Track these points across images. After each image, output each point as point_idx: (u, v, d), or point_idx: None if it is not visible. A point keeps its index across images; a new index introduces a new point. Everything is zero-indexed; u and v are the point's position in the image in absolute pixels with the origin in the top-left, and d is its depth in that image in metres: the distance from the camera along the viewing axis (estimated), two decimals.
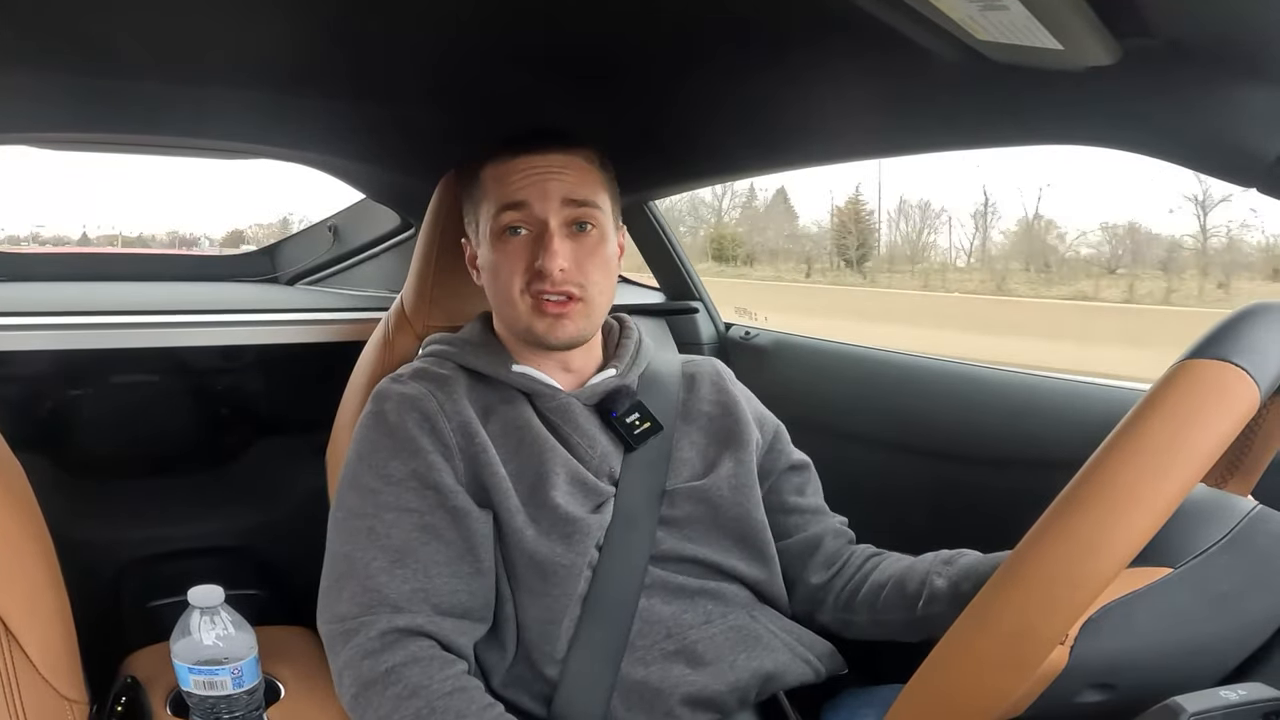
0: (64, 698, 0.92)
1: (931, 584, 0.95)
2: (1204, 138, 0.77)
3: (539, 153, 1.01)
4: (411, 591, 0.90)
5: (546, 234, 0.98)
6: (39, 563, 0.95)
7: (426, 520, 0.93)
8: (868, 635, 1.04)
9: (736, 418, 1.09)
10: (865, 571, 1.05)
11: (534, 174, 1.00)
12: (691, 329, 1.71)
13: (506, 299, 1.01)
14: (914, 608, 0.96)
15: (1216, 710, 0.57)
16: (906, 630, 0.99)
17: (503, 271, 1.00)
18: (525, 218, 0.99)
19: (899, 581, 0.99)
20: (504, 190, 1.00)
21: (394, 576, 0.90)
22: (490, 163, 1.03)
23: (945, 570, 0.96)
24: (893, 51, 0.87)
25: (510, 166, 1.01)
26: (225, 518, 1.82)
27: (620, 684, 0.93)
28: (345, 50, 1.17)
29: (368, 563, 0.91)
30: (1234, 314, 0.66)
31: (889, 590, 1.00)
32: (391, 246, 2.00)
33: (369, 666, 0.87)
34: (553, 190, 0.99)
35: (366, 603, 0.90)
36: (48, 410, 1.79)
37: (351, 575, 0.91)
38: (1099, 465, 0.59)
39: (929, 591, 0.95)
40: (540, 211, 0.99)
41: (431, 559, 0.92)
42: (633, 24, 1.06)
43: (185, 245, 6.89)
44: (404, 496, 0.94)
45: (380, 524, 0.93)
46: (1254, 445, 0.82)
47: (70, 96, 1.26)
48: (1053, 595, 0.58)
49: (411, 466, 0.95)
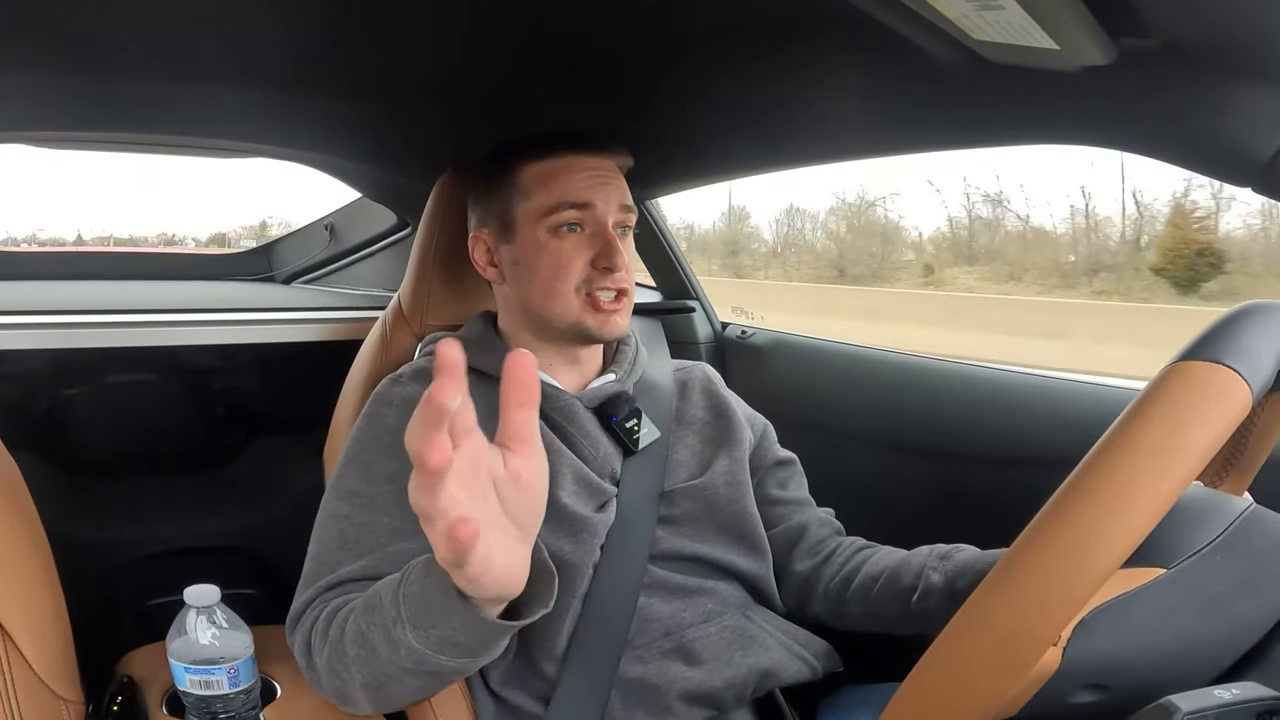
0: (59, 697, 0.92)
1: (927, 579, 0.95)
2: (1199, 138, 0.77)
3: (595, 155, 1.03)
4: (356, 581, 0.90)
5: (608, 233, 1.01)
6: (34, 562, 0.95)
7: (398, 525, 0.92)
8: (860, 627, 1.05)
9: (729, 420, 1.11)
10: (857, 563, 1.06)
11: (597, 175, 1.02)
12: (688, 328, 1.71)
13: (554, 294, 1.01)
14: (908, 602, 0.97)
15: (1210, 709, 0.57)
16: (900, 624, 0.99)
17: (556, 267, 1.01)
18: (585, 217, 1.01)
19: (893, 574, 1.00)
20: (565, 188, 1.01)
21: (346, 572, 0.91)
22: (537, 159, 1.03)
23: (941, 565, 0.96)
24: (889, 51, 0.87)
25: (570, 165, 1.02)
26: (222, 517, 1.82)
27: (618, 681, 0.93)
28: (343, 50, 1.17)
29: (333, 565, 0.92)
30: (1226, 315, 0.66)
31: (883, 583, 1.00)
32: (388, 245, 2.00)
33: (299, 640, 0.89)
34: (613, 194, 1.02)
35: (317, 594, 0.91)
36: (43, 409, 1.78)
37: (316, 575, 0.92)
38: (1092, 467, 0.59)
39: (924, 586, 0.95)
40: (602, 213, 1.01)
41: (390, 560, 0.90)
42: (629, 24, 1.06)
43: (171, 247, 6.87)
44: (379, 500, 0.94)
45: (351, 527, 0.93)
46: (1248, 445, 0.82)
47: (67, 95, 1.25)
48: (1046, 596, 0.58)
49: (393, 469, 0.95)
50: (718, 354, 1.70)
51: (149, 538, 1.75)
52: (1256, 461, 0.83)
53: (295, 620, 0.91)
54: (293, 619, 0.92)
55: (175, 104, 1.31)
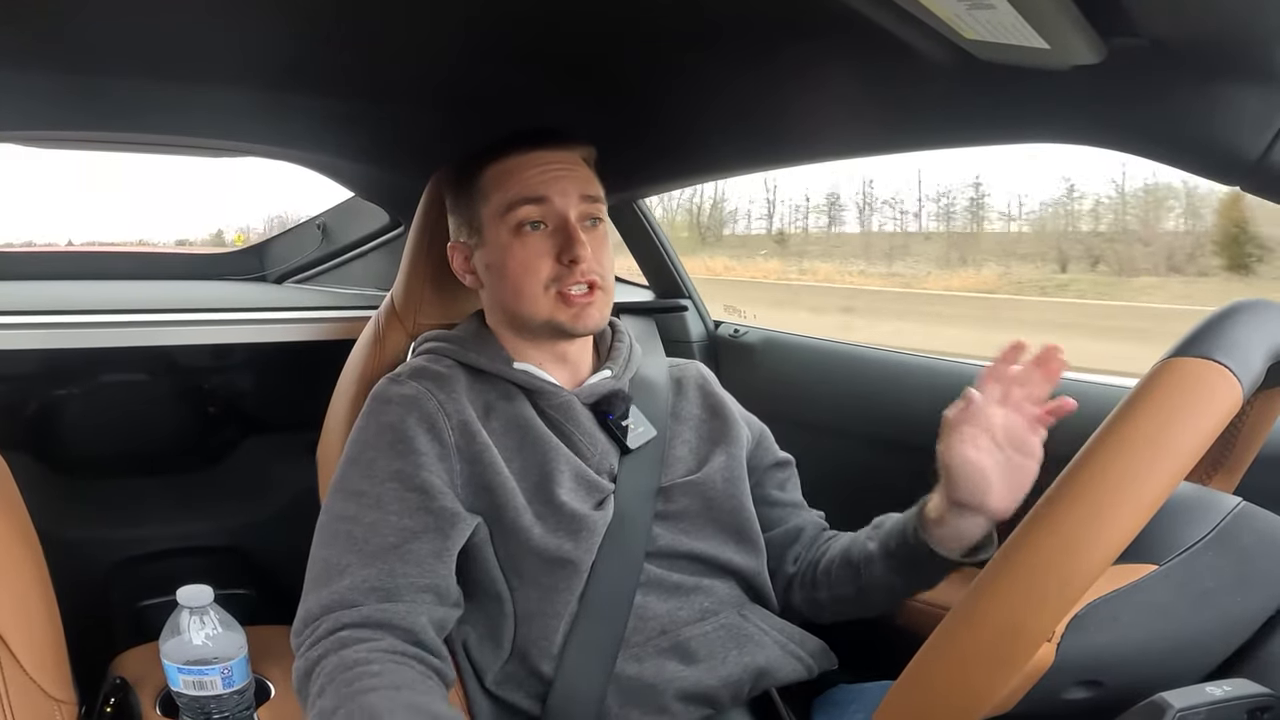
0: (52, 698, 0.91)
1: (865, 549, 1.01)
2: (1188, 137, 0.77)
3: (550, 149, 1.03)
4: (371, 589, 0.89)
5: (569, 226, 1.00)
6: (26, 563, 0.95)
7: (405, 524, 0.92)
8: (835, 618, 1.08)
9: (725, 417, 1.11)
10: (822, 550, 1.09)
11: (551, 170, 1.02)
12: (681, 327, 1.71)
13: (524, 294, 1.01)
14: (859, 578, 1.01)
15: (1202, 706, 0.57)
16: (858, 604, 1.04)
17: (522, 266, 1.01)
18: (545, 213, 1.01)
19: (844, 554, 1.05)
20: (520, 186, 1.01)
21: (360, 578, 0.89)
22: (494, 161, 1.03)
23: (875, 535, 1.02)
24: (880, 50, 0.87)
25: (523, 162, 1.02)
26: (215, 517, 1.82)
27: (615, 680, 0.93)
28: (334, 48, 1.17)
29: (343, 568, 0.90)
30: (1217, 312, 0.66)
31: (838, 565, 1.05)
32: (380, 245, 1.99)
33: (306, 658, 0.86)
34: (570, 186, 1.02)
35: (329, 604, 0.88)
36: (35, 409, 1.78)
37: (325, 578, 0.90)
38: (1084, 463, 0.60)
39: (864, 555, 1.01)
40: (561, 206, 1.01)
41: (402, 561, 0.90)
42: (621, 23, 1.06)
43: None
44: (386, 498, 0.93)
45: (359, 528, 0.92)
46: (1237, 442, 0.83)
47: (57, 94, 1.25)
48: (1040, 592, 0.58)
49: (397, 466, 0.94)
50: (710, 353, 1.70)
51: (141, 538, 1.75)
52: (1245, 459, 0.84)
53: (302, 630, 0.89)
54: (302, 624, 0.89)
55: (165, 102, 1.31)
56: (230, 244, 2.34)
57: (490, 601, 0.96)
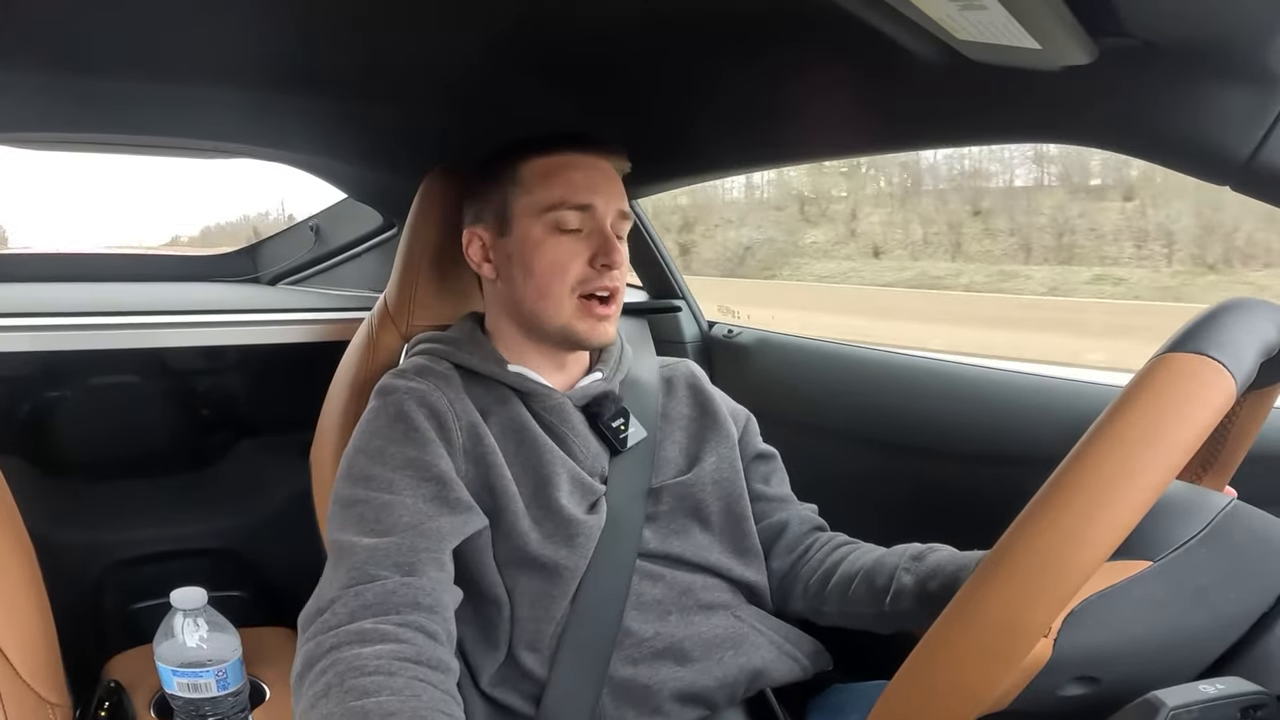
0: (45, 701, 0.91)
1: (899, 580, 0.95)
2: (1178, 136, 0.77)
3: (596, 154, 1.03)
4: (392, 563, 0.85)
5: (606, 230, 1.00)
6: (18, 565, 0.94)
7: (421, 507, 0.90)
8: (839, 625, 1.05)
9: (714, 416, 1.11)
10: (834, 561, 1.05)
11: (599, 176, 1.02)
12: (674, 327, 1.71)
13: (549, 294, 1.01)
14: (882, 603, 0.96)
15: (1196, 704, 0.58)
16: (876, 623, 0.99)
17: (552, 265, 1.00)
18: (583, 219, 1.01)
19: (868, 575, 0.99)
20: (566, 188, 1.01)
21: (379, 548, 0.86)
22: (539, 154, 1.03)
23: (914, 567, 0.96)
24: (873, 50, 0.87)
25: (570, 163, 1.02)
26: (208, 519, 1.81)
27: (609, 681, 0.93)
28: (328, 49, 1.17)
29: (357, 544, 0.87)
30: (1211, 309, 0.66)
31: (858, 583, 1.00)
32: (373, 246, 1.99)
33: (317, 642, 0.81)
34: (614, 197, 1.03)
35: (347, 580, 0.85)
36: (27, 411, 1.77)
37: (339, 557, 0.87)
38: (1080, 458, 0.60)
39: (896, 588, 0.95)
40: (602, 214, 1.01)
41: (422, 536, 0.88)
42: (617, 24, 1.06)
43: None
44: (399, 484, 0.91)
45: (370, 509, 0.89)
46: (1229, 441, 0.83)
47: (48, 95, 1.24)
48: (1036, 587, 0.58)
49: (411, 454, 0.93)
50: (704, 353, 1.70)
51: (135, 540, 1.74)
52: (1236, 458, 0.84)
53: (315, 616, 0.84)
54: (315, 610, 0.85)
55: (157, 103, 1.31)
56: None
57: (487, 603, 0.95)
